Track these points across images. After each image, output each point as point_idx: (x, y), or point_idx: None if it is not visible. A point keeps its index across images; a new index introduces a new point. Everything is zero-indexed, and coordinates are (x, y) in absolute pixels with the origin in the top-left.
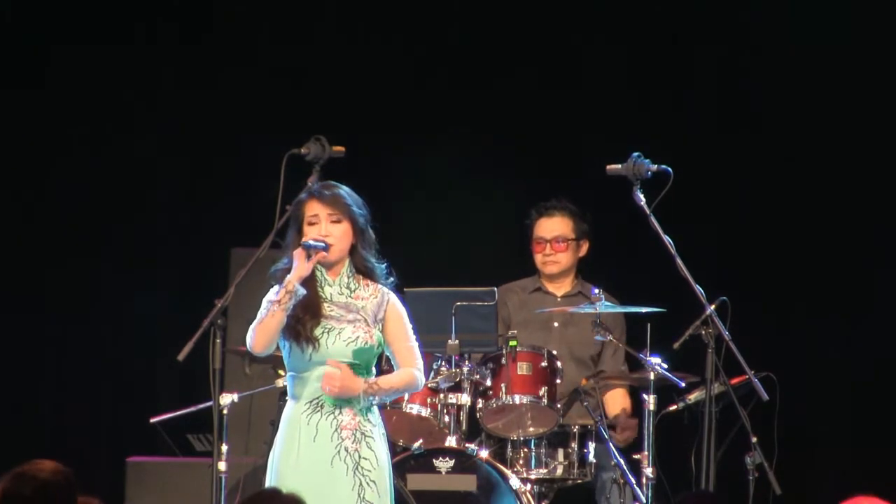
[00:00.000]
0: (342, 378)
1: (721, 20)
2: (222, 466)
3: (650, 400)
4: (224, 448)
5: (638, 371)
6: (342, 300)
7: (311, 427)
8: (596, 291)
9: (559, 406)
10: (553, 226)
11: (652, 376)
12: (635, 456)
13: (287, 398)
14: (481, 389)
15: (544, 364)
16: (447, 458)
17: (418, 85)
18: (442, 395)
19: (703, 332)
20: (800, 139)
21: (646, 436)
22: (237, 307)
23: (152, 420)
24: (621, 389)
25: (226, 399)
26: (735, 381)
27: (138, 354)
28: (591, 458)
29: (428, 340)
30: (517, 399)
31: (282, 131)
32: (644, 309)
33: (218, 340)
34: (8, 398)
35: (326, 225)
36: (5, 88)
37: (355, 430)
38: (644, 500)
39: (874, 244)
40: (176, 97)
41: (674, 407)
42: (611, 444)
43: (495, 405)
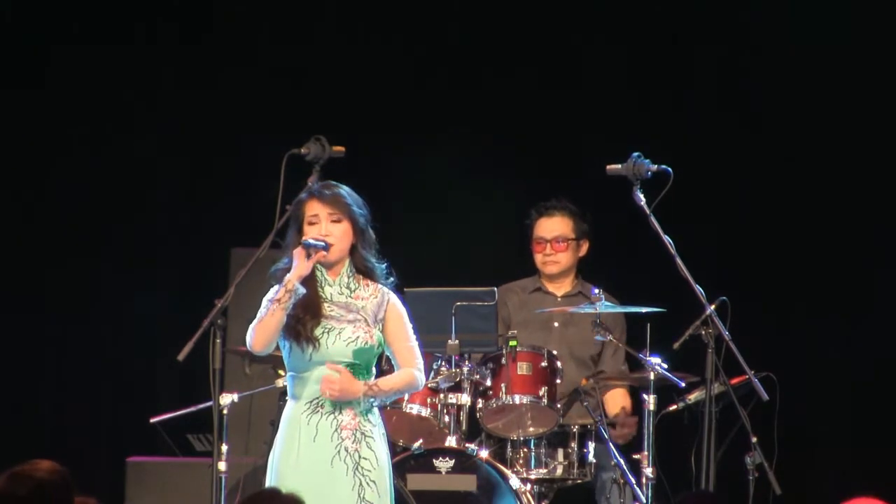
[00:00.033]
0: (341, 381)
1: (721, 20)
2: (222, 466)
3: (650, 400)
4: (224, 448)
5: (638, 371)
6: (342, 300)
7: (311, 427)
8: (596, 291)
9: (559, 406)
10: (553, 226)
11: (652, 376)
12: (635, 456)
13: (287, 398)
14: (481, 389)
15: (544, 364)
16: (447, 458)
17: (418, 85)
18: (442, 395)
19: (703, 332)
20: (800, 139)
21: (646, 436)
22: (237, 307)
23: (152, 420)
24: (621, 389)
25: (226, 399)
26: (735, 381)
27: (138, 354)
28: (591, 458)
29: (428, 340)
30: (517, 399)
31: (282, 131)
32: (644, 309)
33: (218, 340)
34: (8, 398)
35: (326, 225)
36: (5, 88)
37: (355, 431)
38: (644, 500)
39: (874, 244)
40: (176, 97)
41: (674, 407)
42: (611, 444)
43: (495, 405)
